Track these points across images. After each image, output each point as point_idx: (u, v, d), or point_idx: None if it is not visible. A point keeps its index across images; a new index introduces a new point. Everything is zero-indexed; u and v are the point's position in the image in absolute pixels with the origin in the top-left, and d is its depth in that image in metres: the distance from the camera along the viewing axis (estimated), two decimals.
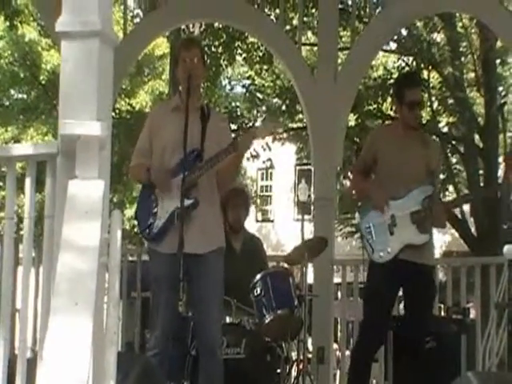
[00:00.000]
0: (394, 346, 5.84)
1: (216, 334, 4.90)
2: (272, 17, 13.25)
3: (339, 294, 8.40)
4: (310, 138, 8.98)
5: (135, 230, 22.04)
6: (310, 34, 16.66)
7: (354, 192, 6.45)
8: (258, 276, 5.88)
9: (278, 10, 11.99)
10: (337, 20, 9.10)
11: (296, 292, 5.97)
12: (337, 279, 8.30)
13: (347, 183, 18.23)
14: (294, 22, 13.71)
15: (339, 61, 9.46)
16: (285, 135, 19.10)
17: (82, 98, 3.47)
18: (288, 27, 14.57)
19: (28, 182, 3.48)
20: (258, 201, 29.56)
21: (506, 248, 3.03)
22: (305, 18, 14.81)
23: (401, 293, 5.68)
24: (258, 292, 5.81)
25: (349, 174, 16.00)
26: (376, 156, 5.67)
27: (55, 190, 3.32)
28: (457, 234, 17.06)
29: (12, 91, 22.53)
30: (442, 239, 23.30)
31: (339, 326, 8.24)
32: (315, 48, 11.38)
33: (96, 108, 3.45)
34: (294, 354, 6.41)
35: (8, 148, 3.97)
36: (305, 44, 15.49)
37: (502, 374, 5.43)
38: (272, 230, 29.37)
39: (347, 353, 8.23)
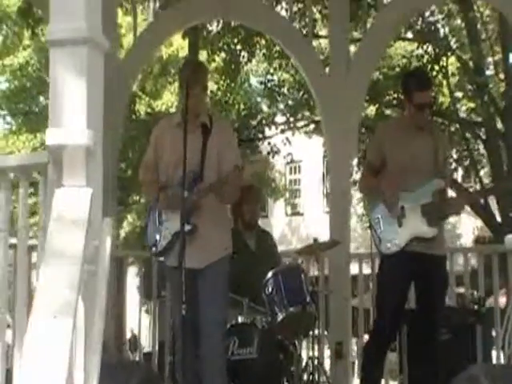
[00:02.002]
0: (408, 339, 5.80)
1: (214, 332, 4.96)
2: (283, 12, 13.25)
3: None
4: (323, 131, 8.95)
5: None
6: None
7: (365, 191, 6.39)
8: (270, 274, 5.84)
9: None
10: (348, 11, 9.00)
11: (309, 287, 5.93)
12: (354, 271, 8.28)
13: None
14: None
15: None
16: (311, 127, 19.04)
17: (71, 106, 3.46)
18: (303, 23, 14.58)
19: (21, 192, 3.49)
20: (287, 194, 29.55)
21: (507, 238, 2.97)
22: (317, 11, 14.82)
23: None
24: (270, 290, 5.77)
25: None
26: (384, 152, 5.62)
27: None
28: None
29: (41, 98, 22.67)
30: (475, 224, 23.07)
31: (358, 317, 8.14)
32: None
33: (86, 116, 3.44)
34: (310, 351, 6.38)
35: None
36: (317, 36, 15.46)
37: (508, 365, 5.37)
38: (302, 224, 29.35)
39: None
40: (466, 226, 24.45)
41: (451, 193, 5.80)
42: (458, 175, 19.86)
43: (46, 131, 3.31)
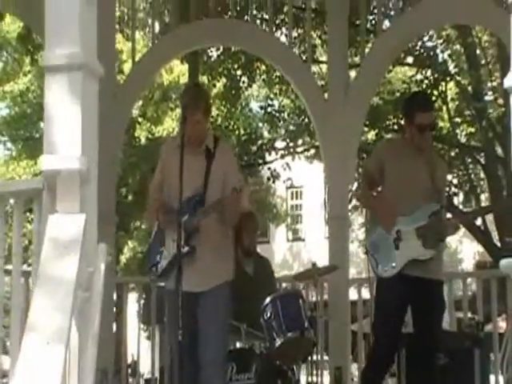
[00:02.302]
0: (407, 363, 5.77)
1: (212, 359, 4.92)
2: (283, 37, 13.31)
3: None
4: (322, 156, 8.96)
5: None
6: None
7: (363, 205, 6.42)
8: (268, 299, 5.82)
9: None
10: (347, 36, 9.06)
11: (307, 313, 5.92)
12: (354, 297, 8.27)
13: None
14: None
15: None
16: (312, 153, 19.03)
17: (65, 132, 3.48)
18: (302, 48, 14.66)
19: (15, 218, 3.49)
20: (289, 220, 29.50)
21: (502, 262, 2.97)
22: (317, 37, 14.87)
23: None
24: (268, 315, 5.75)
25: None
26: (383, 170, 5.63)
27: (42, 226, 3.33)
28: None
29: (41, 124, 22.74)
30: (476, 249, 23.04)
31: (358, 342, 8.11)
32: None
33: (80, 142, 3.45)
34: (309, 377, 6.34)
35: None
36: (317, 61, 15.52)
37: None
38: (303, 249, 29.26)
39: None
40: (468, 251, 24.41)
41: (447, 215, 5.80)
42: (459, 200, 19.87)
43: (41, 157, 3.32)
